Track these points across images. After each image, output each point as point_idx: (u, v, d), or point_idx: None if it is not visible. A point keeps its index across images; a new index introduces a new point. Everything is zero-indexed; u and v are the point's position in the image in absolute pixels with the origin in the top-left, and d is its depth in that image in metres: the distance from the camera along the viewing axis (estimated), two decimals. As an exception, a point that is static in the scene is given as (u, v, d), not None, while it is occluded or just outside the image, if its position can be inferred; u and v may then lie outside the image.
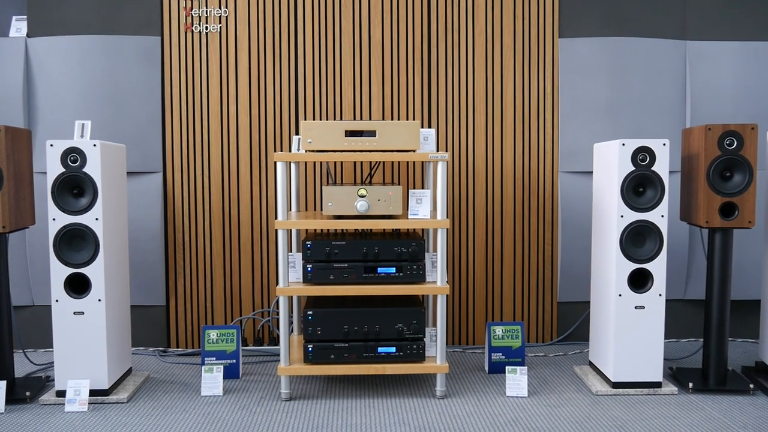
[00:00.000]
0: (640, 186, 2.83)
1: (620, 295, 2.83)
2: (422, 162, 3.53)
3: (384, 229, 3.35)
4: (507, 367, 2.90)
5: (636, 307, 2.84)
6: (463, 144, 3.58)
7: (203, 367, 2.93)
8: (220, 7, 3.48)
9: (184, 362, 3.38)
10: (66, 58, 3.43)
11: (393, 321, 2.82)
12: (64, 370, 2.77)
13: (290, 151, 3.50)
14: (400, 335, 2.83)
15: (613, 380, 2.87)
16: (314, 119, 3.54)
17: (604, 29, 3.56)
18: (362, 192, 2.81)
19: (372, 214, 2.82)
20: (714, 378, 2.90)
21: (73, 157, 2.72)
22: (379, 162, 3.53)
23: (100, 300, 2.76)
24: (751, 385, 2.85)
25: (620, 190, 2.80)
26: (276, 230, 3.42)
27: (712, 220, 2.80)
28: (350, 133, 2.80)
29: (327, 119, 3.54)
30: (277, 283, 3.54)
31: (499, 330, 3.15)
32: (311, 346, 2.81)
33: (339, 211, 2.82)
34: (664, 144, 2.79)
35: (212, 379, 2.91)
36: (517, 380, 2.87)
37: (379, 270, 2.83)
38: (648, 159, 2.79)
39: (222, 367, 2.94)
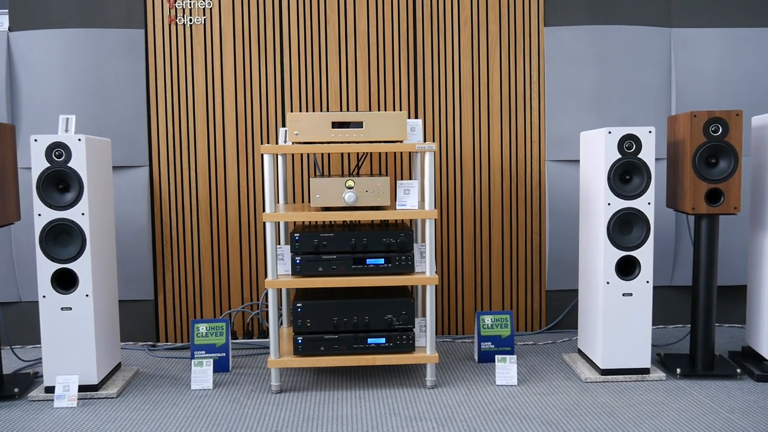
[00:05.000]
0: (626, 174, 2.84)
1: (608, 282, 2.85)
2: (410, 152, 3.53)
3: (372, 221, 3.35)
4: (496, 356, 2.91)
5: (624, 295, 2.86)
6: (450, 134, 3.58)
7: (193, 361, 2.92)
8: (204, -1, 3.46)
9: (174, 356, 3.37)
10: (49, 52, 3.39)
11: (382, 312, 2.83)
12: (53, 366, 2.76)
13: (277, 143, 3.49)
14: (389, 326, 2.83)
15: (601, 367, 2.89)
16: (301, 111, 3.53)
17: (589, 17, 3.56)
18: (350, 183, 2.81)
19: (360, 205, 2.81)
20: (701, 363, 2.93)
21: (57, 152, 2.70)
22: (367, 153, 3.52)
23: (87, 295, 2.74)
24: (738, 370, 2.88)
25: (607, 178, 2.81)
26: (264, 223, 3.41)
27: (698, 206, 2.82)
28: (337, 125, 2.79)
29: (313, 111, 3.53)
30: (265, 276, 3.54)
31: (488, 319, 3.16)
32: (301, 338, 2.81)
33: (327, 203, 2.81)
34: (650, 131, 2.80)
35: (202, 373, 2.90)
36: (506, 369, 2.88)
37: (368, 261, 2.82)
38: (634, 147, 2.80)
39: (212, 360, 2.93)
